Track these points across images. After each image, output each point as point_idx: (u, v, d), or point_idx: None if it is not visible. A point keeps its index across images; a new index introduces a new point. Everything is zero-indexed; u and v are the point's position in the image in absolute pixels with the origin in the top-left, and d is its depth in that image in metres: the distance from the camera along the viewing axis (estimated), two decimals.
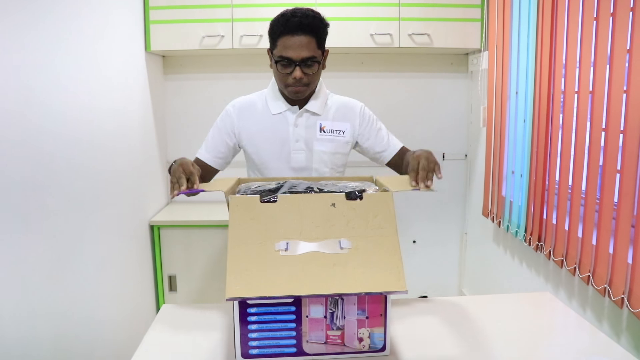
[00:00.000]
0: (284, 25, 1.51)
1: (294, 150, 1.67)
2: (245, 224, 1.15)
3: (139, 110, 2.66)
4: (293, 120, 1.67)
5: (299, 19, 1.49)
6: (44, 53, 1.72)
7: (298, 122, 1.67)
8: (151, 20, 2.71)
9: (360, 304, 1.17)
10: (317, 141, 1.67)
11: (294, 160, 1.67)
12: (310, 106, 1.67)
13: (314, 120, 1.68)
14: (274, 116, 1.68)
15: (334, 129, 1.68)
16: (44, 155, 1.71)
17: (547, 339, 1.34)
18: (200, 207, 3.06)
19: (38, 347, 1.64)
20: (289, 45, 1.51)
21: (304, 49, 1.51)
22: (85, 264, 1.98)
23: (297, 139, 1.67)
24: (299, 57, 1.51)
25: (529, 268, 2.41)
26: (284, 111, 1.67)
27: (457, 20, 2.76)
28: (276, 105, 1.68)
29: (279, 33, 1.52)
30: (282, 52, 1.52)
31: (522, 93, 2.34)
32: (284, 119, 1.67)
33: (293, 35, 1.50)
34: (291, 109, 1.67)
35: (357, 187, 1.31)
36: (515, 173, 2.45)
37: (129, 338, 2.30)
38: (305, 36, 1.50)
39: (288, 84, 1.58)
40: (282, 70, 1.56)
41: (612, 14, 1.68)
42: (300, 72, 1.53)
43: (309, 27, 1.50)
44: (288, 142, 1.67)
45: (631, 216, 1.61)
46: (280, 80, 1.60)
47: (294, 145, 1.67)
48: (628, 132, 1.60)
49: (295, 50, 1.51)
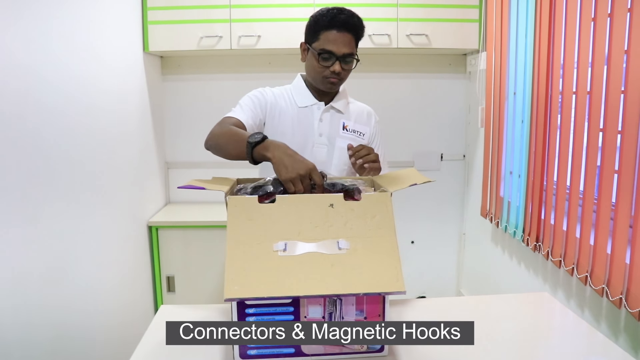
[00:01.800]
0: (331, 20, 1.57)
1: (317, 144, 1.71)
2: (243, 224, 1.15)
3: (137, 110, 2.66)
4: (319, 115, 1.72)
5: (346, 17, 1.58)
6: (42, 53, 1.72)
7: (323, 117, 1.72)
8: (149, 20, 2.71)
9: (359, 305, 1.17)
10: (339, 138, 1.73)
11: (316, 153, 1.71)
12: (336, 104, 1.74)
13: (338, 117, 1.74)
14: (300, 109, 1.72)
15: (355, 130, 1.75)
16: (42, 155, 1.70)
17: (545, 339, 1.34)
18: (199, 208, 3.06)
19: (36, 347, 1.64)
20: (333, 40, 1.58)
21: (346, 46, 1.58)
22: (84, 265, 1.98)
23: (320, 133, 1.71)
24: (341, 52, 1.58)
25: (527, 268, 2.41)
26: (311, 105, 1.72)
27: (455, 20, 2.76)
28: (303, 99, 1.73)
29: (323, 27, 1.59)
30: (325, 46, 1.58)
31: (520, 93, 2.34)
32: (310, 113, 1.72)
33: (338, 31, 1.57)
34: (318, 104, 1.73)
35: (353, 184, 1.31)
36: (513, 173, 2.45)
37: (128, 338, 2.29)
38: (348, 34, 1.58)
39: (325, 76, 1.63)
40: (322, 63, 1.61)
41: (609, 15, 1.68)
42: (340, 66, 1.60)
43: (353, 26, 1.59)
44: (312, 135, 1.71)
45: (629, 216, 1.61)
46: (316, 72, 1.64)
47: (318, 139, 1.71)
48: (626, 133, 1.61)
49: (338, 45, 1.58)
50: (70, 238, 1.88)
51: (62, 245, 1.82)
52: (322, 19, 1.59)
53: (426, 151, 3.23)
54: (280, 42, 2.75)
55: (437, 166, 3.26)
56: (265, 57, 3.10)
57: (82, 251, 1.97)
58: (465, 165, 3.27)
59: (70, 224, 1.88)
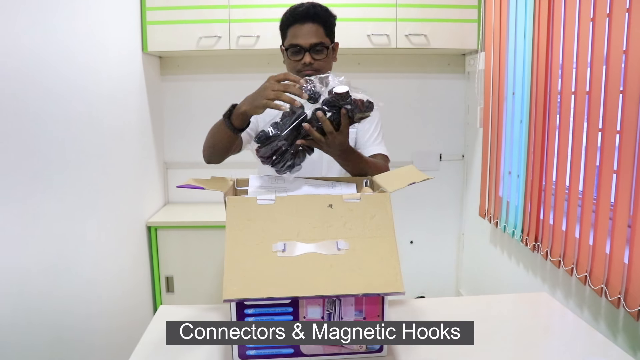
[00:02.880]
0: (292, 16, 1.61)
1: None
2: (242, 224, 1.15)
3: (136, 110, 2.66)
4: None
5: (305, 8, 1.60)
6: (40, 54, 1.71)
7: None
8: (148, 21, 2.71)
9: (358, 305, 1.17)
10: None
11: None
12: None
13: None
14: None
15: None
16: (41, 156, 1.70)
17: (544, 339, 1.34)
18: (198, 208, 3.06)
19: (35, 348, 1.64)
20: (298, 34, 1.60)
21: (312, 36, 1.59)
22: (82, 265, 1.98)
23: None
24: (308, 44, 1.59)
25: (526, 268, 2.41)
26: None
27: (454, 21, 2.76)
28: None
29: (287, 24, 1.63)
30: (292, 40, 1.61)
31: (519, 93, 2.34)
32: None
33: (302, 24, 1.60)
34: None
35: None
36: (512, 173, 2.45)
37: (126, 339, 2.29)
38: (312, 24, 1.60)
39: (299, 70, 1.64)
40: (292, 57, 1.63)
41: (608, 15, 1.69)
42: (310, 57, 1.60)
43: (315, 15, 1.60)
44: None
45: (628, 216, 1.61)
46: (292, 69, 1.66)
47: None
48: (625, 133, 1.61)
49: (303, 37, 1.59)
50: (69, 238, 1.88)
51: (60, 246, 1.82)
52: (285, 17, 1.63)
53: (425, 151, 3.23)
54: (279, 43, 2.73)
55: (436, 166, 3.26)
56: (264, 58, 3.10)
57: (81, 251, 1.97)
58: (464, 165, 3.27)
59: (68, 224, 1.88)
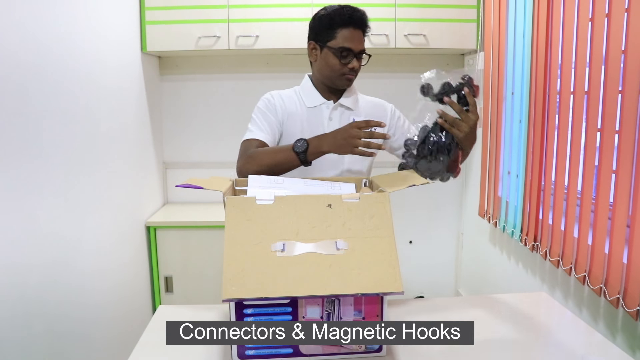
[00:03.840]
0: (349, 18, 1.59)
1: None
2: (241, 224, 1.15)
3: (135, 110, 2.66)
4: (328, 114, 1.70)
5: (361, 14, 1.61)
6: (38, 53, 1.71)
7: (332, 116, 1.71)
8: (147, 20, 2.71)
9: (357, 305, 1.17)
10: None
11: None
12: (344, 101, 1.72)
13: (347, 114, 1.72)
14: (309, 109, 1.70)
15: None
16: (40, 155, 1.70)
17: (543, 338, 1.34)
18: (197, 208, 3.06)
19: (34, 347, 1.64)
20: (351, 38, 1.60)
21: (361, 43, 1.62)
22: (81, 265, 1.97)
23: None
24: (358, 49, 1.61)
25: (525, 268, 2.41)
26: (320, 104, 1.71)
27: (453, 20, 2.77)
28: (312, 99, 1.71)
29: (341, 24, 1.60)
30: (344, 44, 1.60)
31: (518, 93, 2.34)
32: (319, 113, 1.70)
33: (355, 29, 1.60)
34: (326, 103, 1.71)
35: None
36: (511, 173, 2.45)
37: (126, 339, 2.29)
38: (362, 31, 1.62)
39: (344, 73, 1.64)
40: (342, 60, 1.62)
41: (607, 15, 1.69)
42: (357, 63, 1.63)
43: (366, 24, 1.63)
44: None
45: (626, 216, 1.61)
46: (334, 70, 1.64)
47: None
48: (623, 133, 1.61)
49: (355, 42, 1.60)
50: (68, 238, 1.88)
51: (59, 245, 1.82)
52: (338, 17, 1.60)
53: None
54: (278, 42, 2.75)
55: None
56: (263, 57, 3.10)
57: (80, 251, 1.97)
58: (463, 165, 3.25)
59: (68, 224, 1.88)
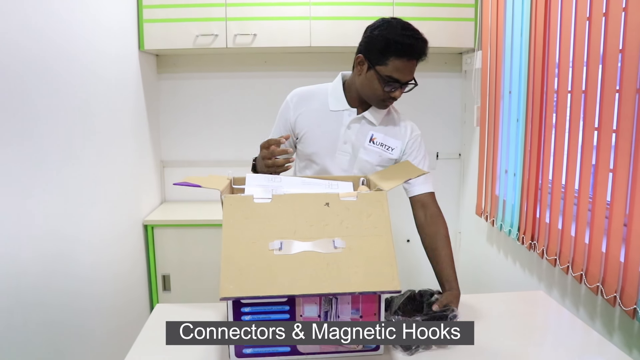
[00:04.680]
0: (410, 49, 1.48)
1: (339, 151, 1.67)
2: (239, 223, 1.15)
3: (132, 108, 2.65)
4: (347, 122, 1.66)
5: (422, 46, 1.48)
6: (35, 51, 1.71)
7: (351, 126, 1.66)
8: (145, 18, 2.70)
9: (354, 304, 1.17)
10: (363, 149, 1.66)
11: (338, 159, 1.67)
12: (368, 114, 1.66)
13: (367, 128, 1.67)
14: (331, 112, 1.67)
15: (384, 143, 1.67)
16: (37, 153, 1.70)
17: (540, 337, 1.35)
18: (194, 206, 3.06)
19: (32, 346, 1.63)
20: (403, 69, 1.49)
21: (412, 72, 1.52)
22: (79, 263, 1.97)
23: (345, 140, 1.66)
24: (406, 80, 1.52)
25: (522, 267, 2.42)
26: (342, 110, 1.67)
27: (450, 19, 2.77)
28: (336, 103, 1.67)
29: (396, 53, 1.48)
30: (393, 74, 1.50)
31: (516, 92, 2.35)
32: (339, 118, 1.66)
33: (410, 60, 1.49)
34: (349, 111, 1.66)
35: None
36: (508, 172, 2.46)
37: (123, 337, 2.29)
38: (416, 61, 1.51)
39: (384, 99, 1.58)
40: (386, 89, 1.54)
41: (604, 14, 1.69)
42: (400, 92, 1.55)
43: (422, 55, 1.50)
44: (337, 141, 1.66)
45: (623, 215, 1.62)
46: (375, 94, 1.57)
47: (341, 147, 1.66)
48: (621, 132, 1.61)
49: (406, 73, 1.51)
50: (65, 236, 1.88)
51: (56, 244, 1.82)
52: (395, 44, 1.47)
53: None
54: (276, 41, 2.74)
55: (433, 165, 3.26)
56: (260, 56, 3.10)
57: (77, 249, 1.97)
58: (461, 164, 3.27)
59: (65, 222, 1.87)
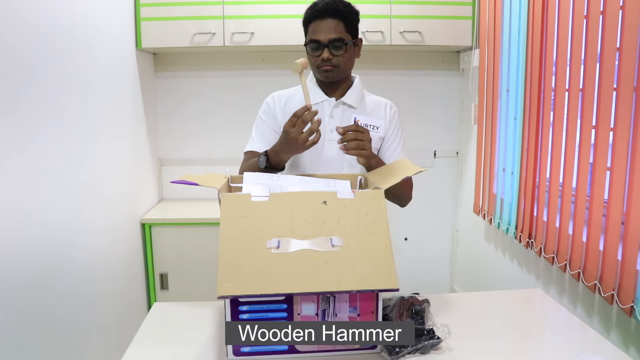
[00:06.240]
0: (312, 11, 1.60)
1: (328, 141, 1.67)
2: (236, 221, 1.15)
3: (130, 107, 2.65)
4: (329, 111, 1.68)
5: (325, 4, 1.58)
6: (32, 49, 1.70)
7: (334, 113, 1.68)
8: (142, 17, 2.70)
9: (352, 302, 1.17)
10: None
11: (328, 150, 1.67)
12: (347, 99, 1.69)
13: (349, 112, 1.69)
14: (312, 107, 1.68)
15: (368, 124, 1.69)
16: (34, 152, 1.69)
17: (538, 335, 1.35)
18: (192, 205, 3.06)
19: (29, 345, 1.63)
20: (317, 29, 1.59)
21: (331, 32, 1.58)
22: (76, 262, 1.97)
23: (331, 129, 1.66)
24: (327, 39, 1.58)
25: (520, 265, 2.42)
26: (321, 102, 1.69)
27: (448, 17, 2.77)
28: (314, 96, 1.67)
29: (309, 20, 1.62)
30: (312, 36, 1.60)
31: (513, 90, 2.35)
32: (321, 110, 1.67)
33: (321, 19, 1.58)
34: (328, 100, 1.69)
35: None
36: (506, 170, 2.46)
37: (121, 336, 2.29)
38: (332, 19, 1.58)
39: (318, 65, 1.62)
40: (312, 53, 1.61)
41: (602, 12, 1.69)
42: (329, 52, 1.59)
43: (335, 11, 1.58)
44: (324, 132, 1.65)
45: (621, 213, 1.62)
46: (312, 64, 1.64)
47: (329, 136, 1.67)
48: (618, 130, 1.61)
49: (322, 32, 1.58)
50: (62, 234, 1.87)
51: (54, 243, 1.81)
52: (306, 13, 1.62)
53: (419, 148, 3.23)
54: (273, 39, 2.74)
55: (430, 163, 3.26)
56: (258, 54, 3.09)
57: (75, 248, 1.96)
58: (459, 162, 3.27)
59: (63, 221, 1.87)
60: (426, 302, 1.37)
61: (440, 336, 1.23)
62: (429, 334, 1.24)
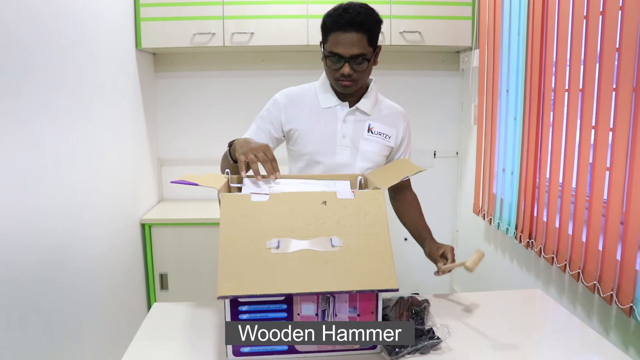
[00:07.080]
0: (336, 21, 1.50)
1: (339, 146, 1.65)
2: (236, 221, 1.15)
3: (129, 107, 2.65)
4: (342, 116, 1.65)
5: (351, 15, 1.49)
6: (32, 49, 1.70)
7: (347, 119, 1.66)
8: (142, 17, 2.70)
9: (352, 302, 1.17)
10: (364, 140, 1.66)
11: (339, 155, 1.66)
12: (362, 105, 1.66)
13: (363, 119, 1.67)
14: (323, 110, 1.66)
15: (381, 132, 1.68)
16: (33, 151, 1.69)
17: (537, 335, 1.35)
18: (192, 205, 3.06)
19: (28, 344, 1.63)
20: (340, 42, 1.50)
21: (354, 47, 1.50)
22: (76, 262, 1.97)
23: (344, 135, 1.65)
24: (349, 54, 1.51)
25: (520, 265, 2.42)
26: (335, 106, 1.66)
27: (448, 18, 2.77)
28: (327, 99, 1.66)
29: (330, 28, 1.52)
30: (333, 48, 1.52)
31: (513, 91, 2.35)
32: (334, 114, 1.66)
33: (344, 32, 1.50)
34: (342, 105, 1.66)
35: None
36: (505, 170, 2.46)
37: (121, 336, 2.29)
38: (356, 33, 1.50)
39: (337, 79, 1.58)
40: (331, 66, 1.55)
41: (601, 12, 1.69)
42: (349, 68, 1.53)
43: (360, 25, 1.50)
44: (335, 137, 1.65)
45: (620, 213, 1.62)
46: (329, 74, 1.60)
47: (341, 141, 1.65)
48: (617, 130, 1.62)
49: (345, 47, 1.50)
50: (62, 234, 1.87)
51: (53, 242, 1.81)
52: (328, 20, 1.53)
53: (419, 148, 3.23)
54: (273, 39, 2.74)
55: (430, 163, 3.26)
56: (258, 54, 3.09)
57: (74, 248, 1.96)
58: (458, 162, 3.27)
59: (62, 221, 1.87)
60: (426, 302, 1.36)
61: (440, 336, 1.23)
62: (428, 334, 1.24)
